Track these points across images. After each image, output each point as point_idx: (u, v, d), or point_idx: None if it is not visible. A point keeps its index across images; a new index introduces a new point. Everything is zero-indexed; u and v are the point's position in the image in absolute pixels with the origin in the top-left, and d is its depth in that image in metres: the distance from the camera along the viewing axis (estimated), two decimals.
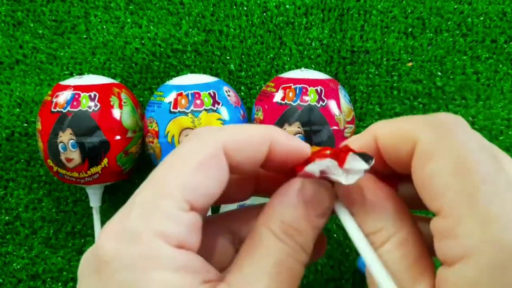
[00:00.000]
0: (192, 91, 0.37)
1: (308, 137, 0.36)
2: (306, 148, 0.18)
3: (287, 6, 0.45)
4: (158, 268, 0.14)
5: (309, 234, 0.17)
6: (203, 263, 0.16)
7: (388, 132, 0.18)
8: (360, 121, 0.45)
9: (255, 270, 0.16)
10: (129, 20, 0.46)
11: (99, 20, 0.46)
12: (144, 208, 0.15)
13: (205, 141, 0.17)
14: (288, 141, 0.18)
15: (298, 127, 0.36)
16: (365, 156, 0.17)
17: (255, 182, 0.21)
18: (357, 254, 0.44)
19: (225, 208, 0.39)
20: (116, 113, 0.38)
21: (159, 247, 0.15)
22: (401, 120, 0.19)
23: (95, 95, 0.37)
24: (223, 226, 0.20)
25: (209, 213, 0.37)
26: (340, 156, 0.17)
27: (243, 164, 0.17)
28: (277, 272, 0.16)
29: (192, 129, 0.36)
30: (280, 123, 0.37)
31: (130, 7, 0.46)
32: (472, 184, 0.14)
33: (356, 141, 0.19)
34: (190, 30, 0.46)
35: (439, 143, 0.16)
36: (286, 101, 0.37)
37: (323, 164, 0.17)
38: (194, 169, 0.16)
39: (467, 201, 0.14)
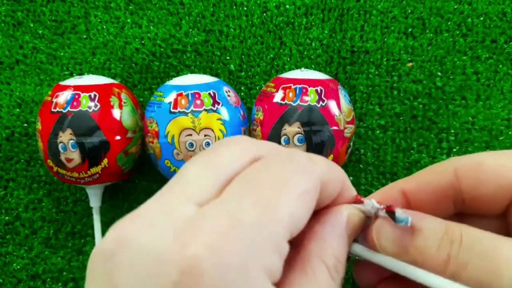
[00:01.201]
0: (192, 91, 0.37)
1: (308, 137, 0.36)
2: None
3: (287, 6, 0.45)
4: None
5: (344, 270, 0.17)
6: None
7: (487, 169, 0.18)
8: (360, 121, 0.45)
9: None
10: (129, 20, 0.46)
11: (99, 20, 0.46)
12: (253, 232, 0.12)
13: (306, 168, 0.15)
14: (352, 190, 0.18)
15: (298, 127, 0.36)
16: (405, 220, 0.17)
17: None
18: None
19: None
20: (116, 113, 0.38)
21: (262, 284, 0.12)
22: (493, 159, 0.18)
23: (95, 95, 0.37)
24: None
25: None
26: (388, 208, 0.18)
27: (323, 199, 0.17)
28: None
29: (192, 129, 0.36)
30: (280, 123, 0.37)
31: (130, 7, 0.46)
32: None
33: (429, 176, 0.19)
34: (190, 30, 0.46)
35: None
36: (286, 101, 0.37)
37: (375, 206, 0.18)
38: (298, 198, 0.14)
39: None
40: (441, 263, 0.16)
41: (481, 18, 0.44)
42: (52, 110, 0.37)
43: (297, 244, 0.17)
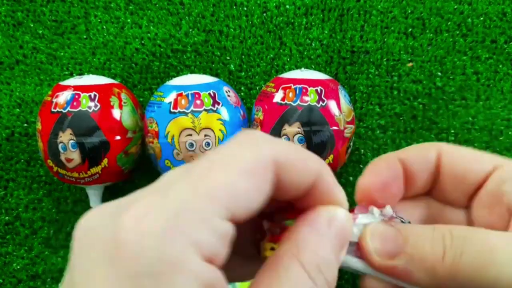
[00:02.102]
0: (192, 91, 0.37)
1: (308, 138, 0.36)
2: (344, 203, 0.17)
3: (287, 6, 0.45)
4: (181, 278, 0.12)
5: (335, 271, 0.16)
6: (225, 282, 0.14)
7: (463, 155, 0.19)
8: (360, 121, 0.45)
9: None
10: (129, 20, 0.46)
11: (99, 20, 0.46)
12: (181, 207, 0.13)
13: (258, 146, 0.14)
14: (335, 184, 0.17)
15: (298, 127, 0.36)
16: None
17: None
18: None
19: None
20: (116, 113, 0.38)
21: (189, 256, 0.13)
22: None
23: (95, 95, 0.38)
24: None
25: None
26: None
27: (287, 187, 0.15)
28: None
29: (192, 129, 0.36)
30: (280, 124, 0.37)
31: (130, 7, 0.46)
32: None
33: (417, 151, 0.20)
34: (190, 30, 0.46)
35: None
36: (286, 101, 0.37)
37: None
38: (243, 175, 0.14)
39: None
40: (438, 256, 0.16)
41: (481, 18, 0.44)
42: (52, 110, 0.37)
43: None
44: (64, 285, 0.14)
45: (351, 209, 0.18)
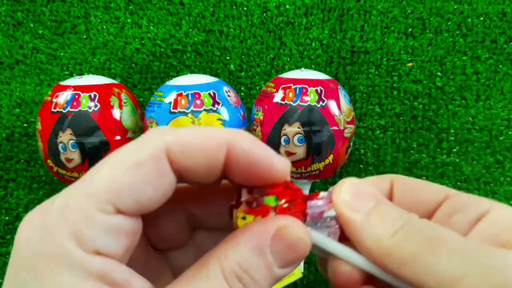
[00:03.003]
0: (192, 91, 0.37)
1: (308, 138, 0.36)
2: (277, 162, 0.16)
3: (287, 6, 0.45)
4: (64, 271, 0.13)
5: (264, 284, 0.15)
6: (127, 274, 0.14)
7: (414, 185, 0.19)
8: (360, 121, 0.45)
9: None
10: (129, 20, 0.46)
11: (99, 20, 0.46)
12: (65, 204, 0.14)
13: (146, 141, 0.15)
14: (253, 148, 0.15)
15: (298, 127, 0.36)
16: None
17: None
18: None
19: None
20: (116, 113, 0.38)
21: (69, 249, 0.13)
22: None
23: (95, 95, 0.37)
24: (179, 206, 0.18)
25: None
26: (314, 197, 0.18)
27: (195, 171, 0.15)
28: None
29: None
30: (280, 123, 0.37)
31: (130, 7, 0.46)
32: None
33: (375, 183, 0.20)
34: (190, 30, 0.46)
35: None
36: (286, 101, 0.37)
37: (319, 204, 0.17)
38: (127, 170, 0.14)
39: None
40: (390, 232, 0.16)
41: (481, 18, 0.44)
42: (52, 110, 0.37)
43: None
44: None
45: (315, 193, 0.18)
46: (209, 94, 0.37)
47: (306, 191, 0.41)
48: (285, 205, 0.16)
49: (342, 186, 0.18)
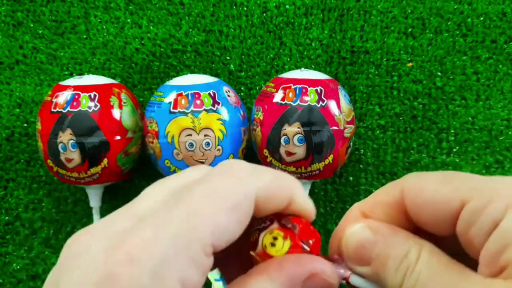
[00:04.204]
0: (192, 91, 0.37)
1: (308, 138, 0.36)
2: (312, 214, 0.18)
3: (287, 6, 0.45)
4: None
5: None
6: None
7: (426, 196, 0.17)
8: (360, 121, 0.45)
9: None
10: (129, 20, 0.46)
11: (99, 20, 0.46)
12: (172, 245, 0.14)
13: (242, 182, 0.15)
14: (305, 201, 0.17)
15: (298, 128, 0.36)
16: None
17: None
18: None
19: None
20: (116, 113, 0.38)
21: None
22: (437, 181, 0.17)
23: (95, 95, 0.37)
24: None
25: None
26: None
27: (263, 211, 0.16)
28: None
29: (192, 129, 0.36)
30: (280, 124, 0.37)
31: (130, 7, 0.46)
32: None
33: (382, 196, 0.19)
34: (190, 30, 0.46)
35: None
36: (286, 101, 0.37)
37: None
38: (228, 211, 0.15)
39: None
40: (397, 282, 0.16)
41: (481, 18, 0.44)
42: (52, 110, 0.37)
43: None
44: None
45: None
46: (209, 94, 0.37)
47: (306, 191, 0.41)
48: (311, 241, 0.17)
49: (344, 242, 0.18)
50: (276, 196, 0.16)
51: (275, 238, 0.17)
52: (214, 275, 0.38)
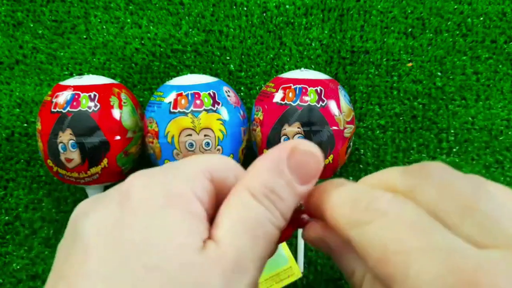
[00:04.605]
0: (192, 91, 0.37)
1: (308, 138, 0.36)
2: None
3: (287, 6, 0.45)
4: (180, 207, 0.16)
5: (290, 202, 0.18)
6: (207, 223, 0.17)
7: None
8: (360, 121, 0.45)
9: (235, 228, 0.16)
10: (129, 20, 0.46)
11: (99, 20, 0.46)
12: (171, 168, 0.18)
13: (195, 159, 0.19)
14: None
15: (298, 127, 0.36)
16: None
17: None
18: None
19: None
20: (116, 113, 0.38)
21: (186, 191, 0.17)
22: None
23: (95, 95, 0.37)
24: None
25: None
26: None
27: (222, 186, 0.19)
28: (256, 234, 0.16)
29: (192, 129, 0.36)
30: (280, 124, 0.37)
31: (130, 7, 0.46)
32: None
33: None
34: (190, 30, 0.46)
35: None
36: (286, 101, 0.37)
37: None
38: (220, 158, 0.19)
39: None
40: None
41: (481, 18, 0.44)
42: (52, 110, 0.37)
43: None
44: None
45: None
46: (209, 94, 0.37)
47: None
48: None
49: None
50: (226, 170, 0.19)
51: None
52: None
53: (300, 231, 0.40)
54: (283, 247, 0.41)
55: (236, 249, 0.16)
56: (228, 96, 0.38)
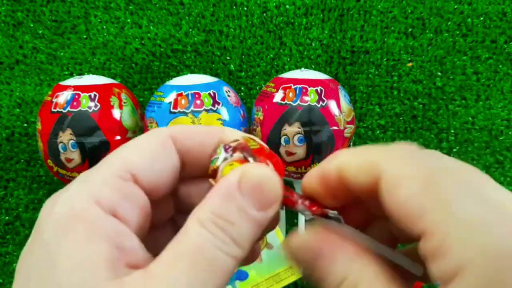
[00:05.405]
0: (192, 91, 0.37)
1: (308, 138, 0.36)
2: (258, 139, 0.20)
3: (287, 6, 0.45)
4: (81, 229, 0.15)
5: (244, 227, 0.16)
6: (135, 243, 0.16)
7: (353, 165, 0.18)
8: (360, 121, 0.45)
9: (173, 257, 0.15)
10: (129, 20, 0.46)
11: (99, 20, 0.46)
12: (85, 176, 0.16)
13: (157, 130, 0.18)
14: (237, 133, 0.19)
15: (298, 127, 0.36)
16: (337, 218, 0.18)
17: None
18: None
19: None
20: (116, 113, 0.38)
21: (88, 208, 0.15)
22: (364, 151, 0.18)
23: (95, 95, 0.38)
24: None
25: None
26: (314, 207, 0.18)
27: (194, 152, 0.18)
28: (195, 261, 0.15)
29: None
30: (280, 123, 0.37)
31: (130, 7, 0.46)
32: (444, 196, 0.14)
33: (320, 171, 0.19)
34: (190, 30, 0.46)
35: (404, 169, 0.16)
36: (286, 101, 0.37)
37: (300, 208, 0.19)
38: (138, 149, 0.17)
39: (443, 214, 0.14)
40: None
41: (481, 18, 0.44)
42: (52, 110, 0.37)
43: None
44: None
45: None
46: (209, 94, 0.37)
47: None
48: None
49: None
50: (196, 133, 0.19)
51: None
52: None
53: (301, 227, 0.40)
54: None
55: (167, 277, 0.15)
56: (228, 96, 0.38)
